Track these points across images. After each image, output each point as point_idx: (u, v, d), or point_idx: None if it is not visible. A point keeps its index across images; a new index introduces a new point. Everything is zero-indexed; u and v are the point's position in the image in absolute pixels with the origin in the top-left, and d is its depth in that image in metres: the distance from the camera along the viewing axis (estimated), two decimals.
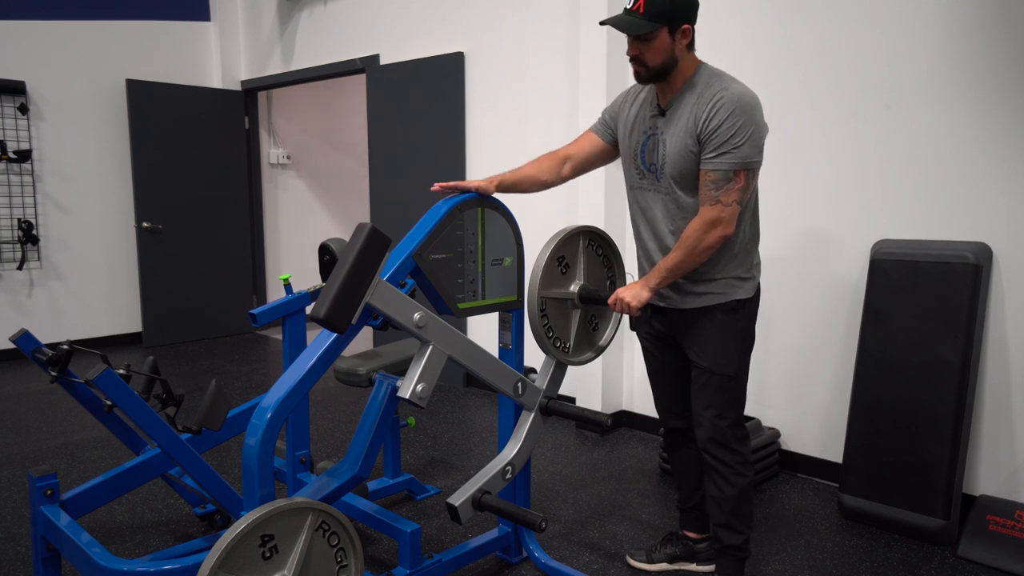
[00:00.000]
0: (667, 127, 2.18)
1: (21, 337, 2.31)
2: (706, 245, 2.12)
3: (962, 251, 2.79)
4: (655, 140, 2.21)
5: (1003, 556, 2.62)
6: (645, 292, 2.21)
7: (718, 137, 2.06)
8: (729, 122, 2.05)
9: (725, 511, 2.31)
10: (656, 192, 2.25)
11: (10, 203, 5.38)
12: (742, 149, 2.06)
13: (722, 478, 2.29)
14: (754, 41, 3.38)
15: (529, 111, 4.31)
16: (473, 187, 2.27)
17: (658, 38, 2.08)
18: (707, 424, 2.27)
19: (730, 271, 2.23)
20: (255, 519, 1.68)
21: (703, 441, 2.30)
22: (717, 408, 2.26)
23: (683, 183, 2.17)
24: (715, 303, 2.24)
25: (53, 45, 5.50)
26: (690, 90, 2.15)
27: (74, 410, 4.26)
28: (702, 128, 2.09)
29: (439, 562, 2.37)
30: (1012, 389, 2.83)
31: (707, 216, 2.11)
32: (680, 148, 2.14)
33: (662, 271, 2.20)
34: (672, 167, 2.17)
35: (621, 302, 2.23)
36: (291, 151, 6.82)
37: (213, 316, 6.28)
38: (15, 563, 2.61)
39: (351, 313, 1.79)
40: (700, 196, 2.13)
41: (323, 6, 5.56)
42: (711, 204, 2.10)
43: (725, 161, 2.07)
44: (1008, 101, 2.76)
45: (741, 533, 2.33)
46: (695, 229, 2.12)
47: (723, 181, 2.08)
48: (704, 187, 2.11)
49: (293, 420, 2.72)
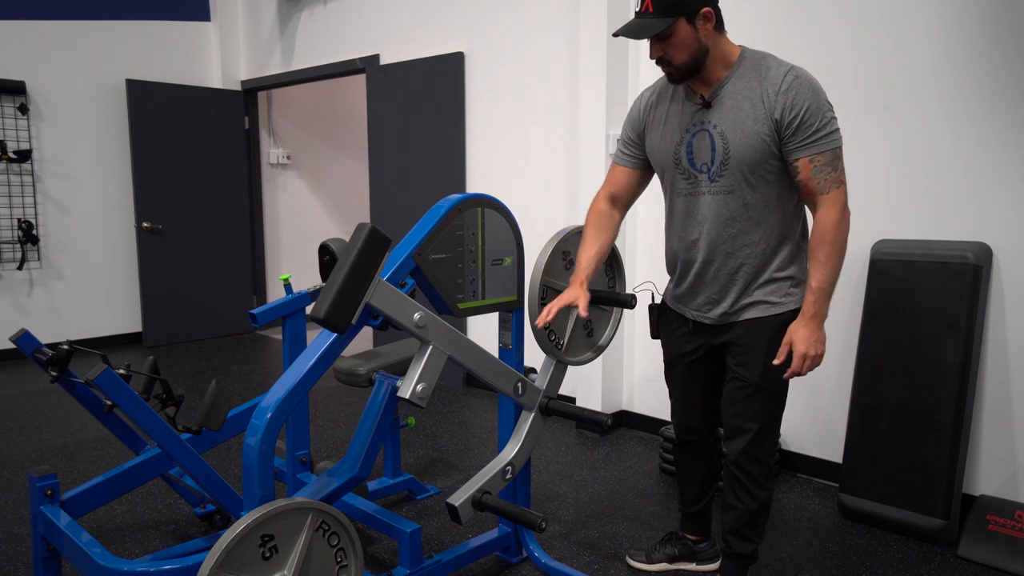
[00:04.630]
0: (721, 118, 2.00)
1: (21, 337, 2.31)
2: (846, 230, 1.97)
3: (962, 251, 2.79)
4: (704, 136, 2.03)
5: (1003, 556, 2.62)
6: (822, 331, 1.99)
7: (811, 119, 1.92)
8: (815, 102, 1.92)
9: (742, 521, 2.23)
10: (710, 194, 2.06)
11: (10, 203, 5.38)
12: (835, 126, 1.96)
13: (745, 491, 2.20)
14: (754, 41, 3.37)
15: (529, 111, 4.31)
16: (579, 304, 2.11)
17: (678, 32, 1.93)
18: (744, 437, 2.16)
19: (787, 270, 2.09)
20: (255, 519, 1.68)
21: (736, 453, 2.18)
22: (759, 422, 2.14)
23: (754, 175, 2.00)
24: (769, 314, 2.09)
25: (53, 45, 5.50)
26: (740, 75, 1.99)
27: (74, 410, 4.26)
28: (784, 112, 1.93)
29: (439, 562, 2.37)
30: (1012, 389, 2.83)
31: (838, 200, 1.95)
32: (750, 137, 1.97)
33: (819, 293, 1.96)
34: (741, 159, 1.99)
35: (808, 360, 1.98)
36: (291, 151, 6.82)
37: (213, 316, 6.28)
38: (15, 563, 2.61)
39: (351, 313, 1.79)
40: (813, 184, 1.95)
41: (323, 6, 5.56)
42: (836, 186, 1.95)
43: (830, 141, 1.94)
44: (1009, 101, 2.76)
45: (753, 543, 2.27)
46: (834, 221, 1.95)
47: (836, 160, 1.95)
48: (818, 172, 1.94)
49: (293, 420, 2.72)
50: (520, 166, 4.41)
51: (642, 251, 3.88)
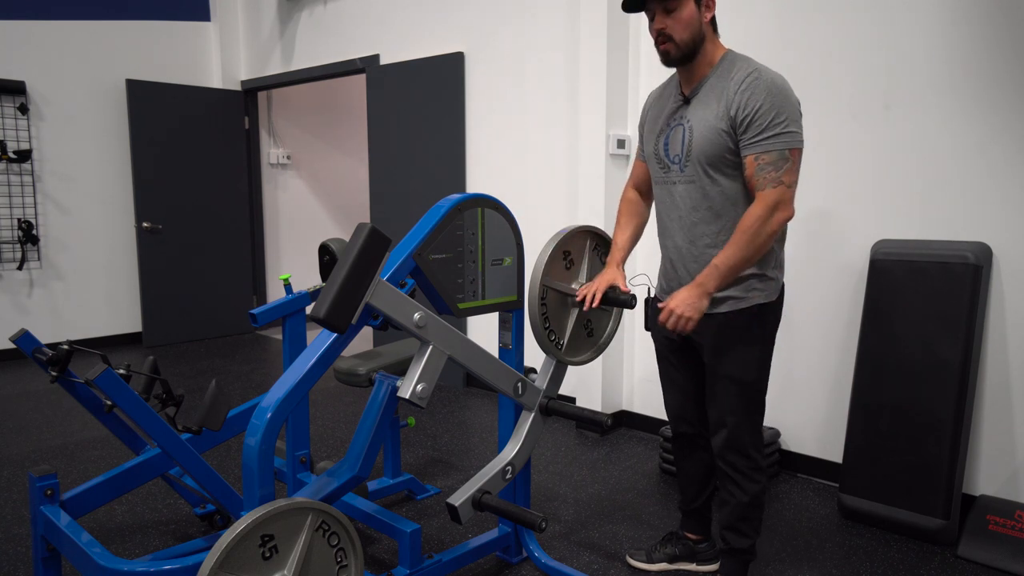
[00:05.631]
0: (693, 113, 2.12)
1: (21, 337, 2.31)
2: (770, 231, 2.01)
3: (962, 251, 2.79)
4: (679, 129, 2.15)
5: (1003, 556, 2.62)
6: (704, 300, 2.06)
7: (760, 119, 1.99)
8: (768, 103, 1.98)
9: (736, 516, 2.28)
10: (681, 183, 2.17)
11: (10, 203, 5.38)
12: (790, 128, 2.00)
13: (735, 485, 2.26)
14: (754, 41, 3.38)
15: (529, 111, 4.31)
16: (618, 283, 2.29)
17: (684, 7, 2.02)
18: (725, 431, 2.22)
19: (752, 268, 2.13)
20: (255, 519, 1.68)
21: (719, 447, 2.25)
22: (736, 415, 2.21)
23: (712, 167, 2.09)
24: (737, 308, 2.15)
25: (53, 45, 5.50)
26: (716, 75, 2.09)
27: (74, 410, 4.26)
28: (738, 110, 2.01)
29: (439, 562, 2.37)
30: (1012, 389, 2.83)
31: (769, 199, 2.00)
32: (709, 131, 2.07)
33: (720, 270, 2.04)
34: (699, 150, 2.09)
35: (676, 316, 2.06)
36: (291, 151, 6.82)
37: (213, 316, 6.28)
38: (15, 563, 2.61)
39: (351, 313, 1.79)
40: (755, 181, 2.02)
41: (323, 6, 5.56)
42: (772, 186, 2.00)
43: (778, 142, 2.00)
44: (1008, 101, 2.76)
45: (749, 538, 2.31)
46: (756, 216, 2.01)
47: (781, 161, 2.00)
48: (760, 171, 2.01)
49: (293, 420, 2.72)
50: (520, 166, 4.41)
51: (639, 246, 3.87)
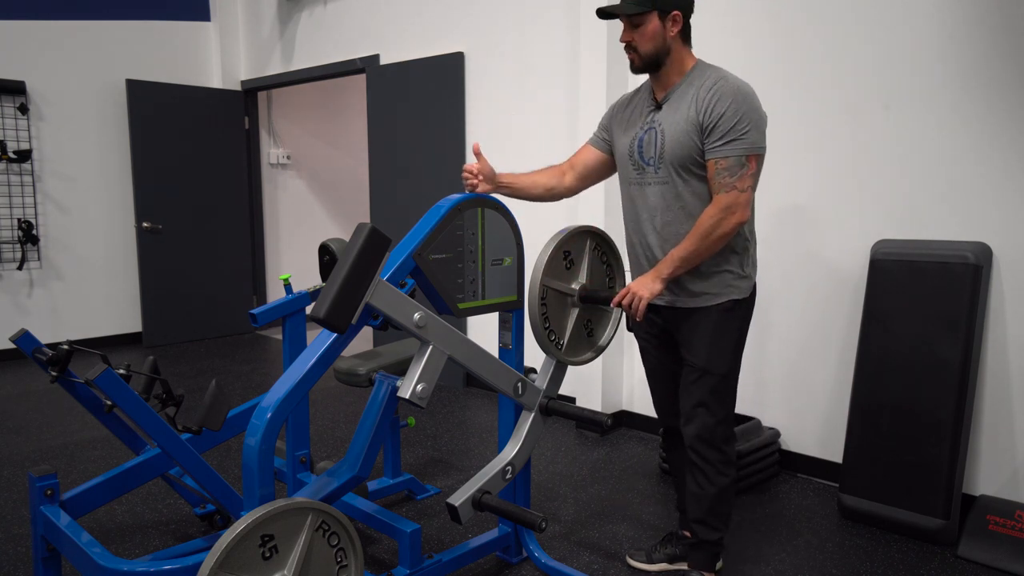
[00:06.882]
0: (665, 117, 2.21)
1: (21, 337, 2.31)
2: (722, 232, 2.12)
3: (962, 251, 2.79)
4: (652, 132, 2.24)
5: (1003, 556, 2.62)
6: (658, 284, 2.19)
7: (723, 124, 2.08)
8: (732, 109, 2.08)
9: (703, 508, 2.34)
10: (654, 184, 2.26)
11: (10, 203, 5.38)
12: (750, 135, 2.09)
13: (703, 476, 2.32)
14: (753, 42, 3.38)
15: (529, 111, 4.31)
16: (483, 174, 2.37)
17: (648, 23, 2.14)
18: (696, 421, 2.29)
19: (728, 266, 2.23)
20: (255, 519, 1.68)
21: (690, 438, 2.32)
22: (707, 406, 2.28)
23: (683, 169, 2.18)
24: (712, 303, 2.24)
25: (53, 45, 5.50)
26: (688, 82, 2.19)
27: (74, 410, 4.26)
28: (704, 116, 2.11)
29: (439, 562, 2.37)
30: (1012, 389, 2.83)
31: (723, 202, 2.11)
32: (679, 135, 2.16)
33: (675, 260, 2.17)
34: (671, 152, 2.18)
35: (631, 295, 2.19)
36: (291, 151, 6.82)
37: (213, 316, 6.28)
38: (15, 563, 2.61)
39: (351, 313, 1.79)
40: (713, 185, 2.14)
41: (323, 6, 5.56)
42: (727, 190, 2.10)
43: (736, 147, 2.09)
44: (1008, 101, 2.76)
45: (717, 531, 2.37)
46: (710, 216, 2.12)
47: (737, 167, 2.10)
48: (717, 175, 2.12)
49: (293, 420, 2.72)
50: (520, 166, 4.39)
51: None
